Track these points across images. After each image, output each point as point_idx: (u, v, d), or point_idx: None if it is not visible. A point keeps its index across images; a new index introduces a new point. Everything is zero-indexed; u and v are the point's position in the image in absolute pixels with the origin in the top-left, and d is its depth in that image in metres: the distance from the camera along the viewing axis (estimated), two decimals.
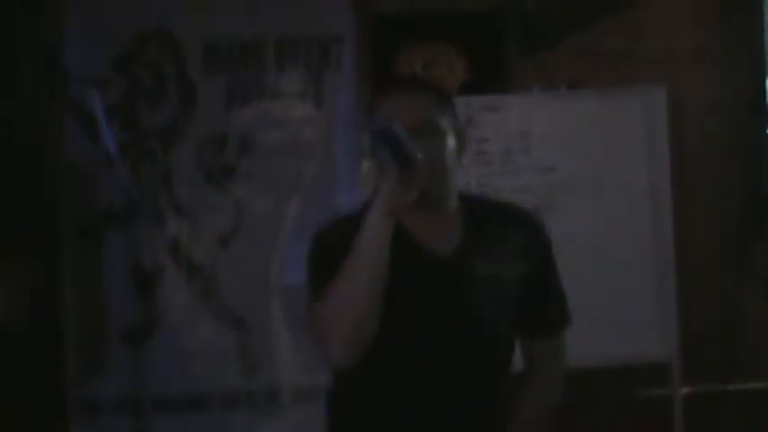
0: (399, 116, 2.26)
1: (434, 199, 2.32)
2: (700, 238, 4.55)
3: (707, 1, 4.60)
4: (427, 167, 2.19)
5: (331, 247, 2.31)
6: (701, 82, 4.59)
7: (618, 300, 4.18)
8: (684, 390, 4.32)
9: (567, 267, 4.11)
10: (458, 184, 2.40)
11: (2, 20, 4.38)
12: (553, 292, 2.52)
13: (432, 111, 2.33)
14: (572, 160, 4.23)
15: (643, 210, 4.27)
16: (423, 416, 2.36)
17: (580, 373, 2.59)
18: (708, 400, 4.53)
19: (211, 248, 4.43)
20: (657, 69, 4.51)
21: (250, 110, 4.42)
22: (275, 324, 4.39)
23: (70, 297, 4.41)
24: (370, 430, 2.41)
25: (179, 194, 4.45)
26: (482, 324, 2.37)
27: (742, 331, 4.55)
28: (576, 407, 3.08)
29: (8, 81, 4.38)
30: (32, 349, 4.35)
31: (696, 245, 4.52)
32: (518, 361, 2.52)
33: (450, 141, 2.34)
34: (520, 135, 4.23)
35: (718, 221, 4.60)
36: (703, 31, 4.60)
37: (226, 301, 4.40)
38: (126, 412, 4.39)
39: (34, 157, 4.43)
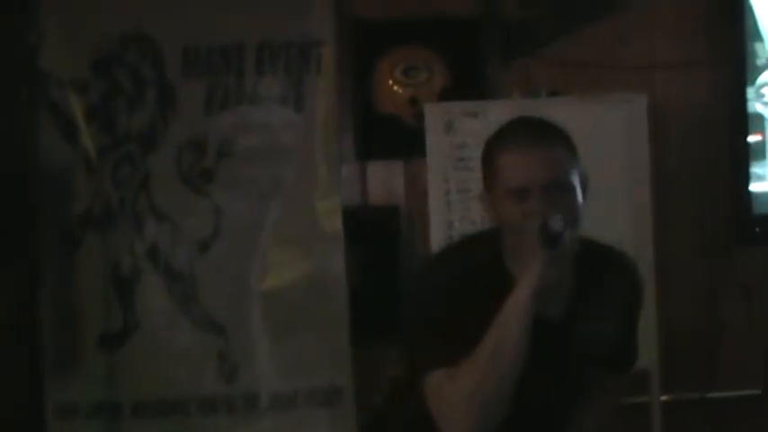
0: (532, 174, 2.13)
1: (563, 267, 2.21)
2: (680, 246, 4.56)
3: (689, 9, 4.60)
4: (568, 237, 2.10)
5: (450, 307, 2.19)
6: (682, 90, 4.60)
7: None
8: (664, 397, 4.32)
9: None
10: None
11: None
12: (636, 332, 2.52)
13: (565, 165, 2.20)
14: None
15: (623, 216, 4.27)
16: None
17: None
18: (687, 408, 4.53)
19: (191, 253, 4.41)
20: (639, 77, 4.52)
21: (230, 114, 4.41)
22: (254, 329, 4.37)
23: (48, 301, 4.39)
24: None
25: (158, 199, 4.43)
26: (578, 375, 2.34)
27: (722, 339, 4.56)
28: None
29: None
30: (9, 353, 4.30)
31: (677, 253, 4.53)
32: None
33: (580, 194, 2.22)
34: None
35: (699, 229, 4.61)
36: (685, 39, 4.61)
37: (205, 305, 4.38)
38: (103, 417, 4.37)
39: (11, 159, 4.41)
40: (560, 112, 4.22)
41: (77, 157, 4.41)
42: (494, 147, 2.24)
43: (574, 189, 2.19)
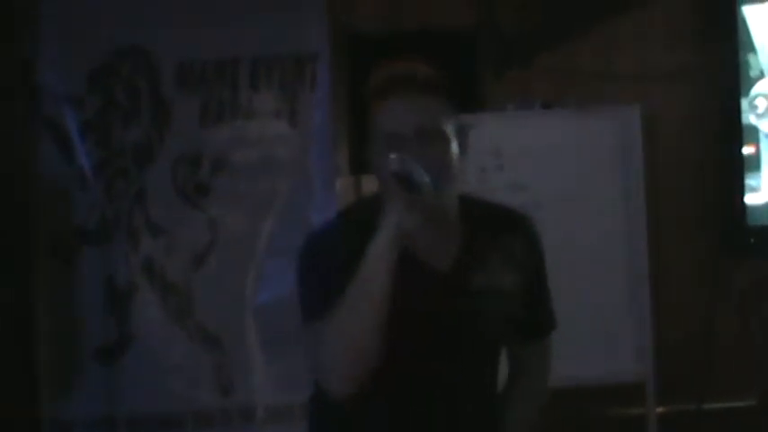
0: (402, 121, 2.16)
1: (440, 215, 2.22)
2: (674, 256, 4.56)
3: (681, 19, 4.61)
4: (435, 186, 2.10)
5: (323, 262, 2.22)
6: (675, 100, 4.61)
7: (592, 319, 4.16)
8: (659, 409, 4.32)
9: None
10: (456, 195, 2.29)
11: None
12: (544, 295, 2.48)
13: (437, 115, 2.21)
14: (546, 179, 4.22)
15: (617, 228, 4.27)
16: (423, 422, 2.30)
17: (554, 392, 2.57)
18: (683, 419, 4.53)
19: (186, 267, 4.41)
20: (632, 88, 4.52)
21: (225, 128, 4.41)
22: (250, 342, 4.36)
23: (43, 314, 4.39)
24: None
25: (153, 213, 4.43)
26: (481, 335, 2.32)
27: (717, 350, 4.55)
28: (550, 426, 3.06)
29: None
30: (5, 366, 4.29)
31: (671, 263, 4.53)
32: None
33: (455, 146, 2.21)
34: (494, 153, 4.22)
35: (692, 239, 4.61)
36: (679, 50, 4.61)
37: (200, 319, 4.38)
38: (99, 431, 4.36)
39: (7, 173, 4.41)
40: (555, 123, 4.31)
41: (73, 172, 4.41)
42: (375, 95, 2.25)
43: (447, 139, 2.19)
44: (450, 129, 2.21)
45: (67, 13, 4.37)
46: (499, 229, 2.35)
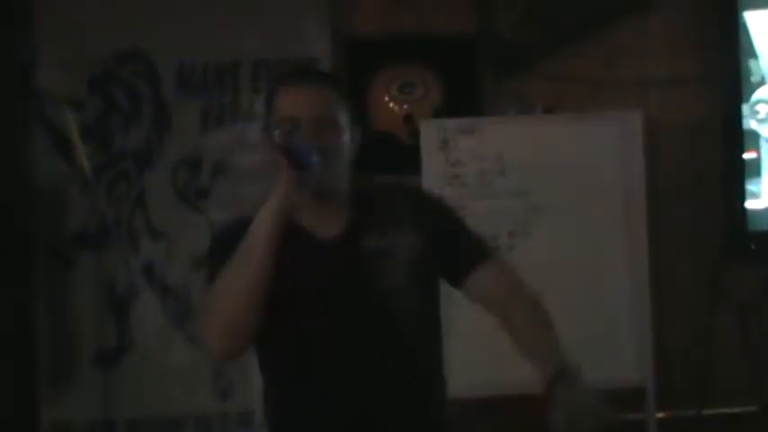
0: (298, 108, 2.33)
1: (327, 194, 2.36)
2: (675, 263, 4.54)
3: (682, 26, 4.60)
4: (322, 167, 2.25)
5: (227, 245, 2.32)
6: (676, 107, 4.59)
7: (592, 324, 4.14)
8: (659, 414, 4.31)
9: (542, 291, 4.14)
10: (350, 178, 2.43)
11: None
12: (465, 235, 2.50)
13: (331, 105, 2.38)
14: (547, 184, 4.21)
15: (618, 234, 4.25)
16: (346, 400, 2.35)
17: None
18: (683, 425, 4.51)
19: (186, 271, 4.40)
20: (633, 94, 4.51)
21: (224, 133, 4.42)
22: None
23: (43, 318, 4.40)
24: (299, 419, 2.40)
25: (153, 217, 4.45)
26: (382, 298, 2.36)
27: (717, 356, 4.54)
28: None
29: None
30: (4, 368, 4.30)
31: (671, 269, 4.51)
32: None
33: (346, 137, 2.38)
34: (495, 158, 4.21)
35: (693, 246, 4.60)
36: (680, 55, 4.60)
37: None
38: None
39: (7, 176, 4.40)
40: (556, 128, 4.30)
41: (72, 175, 4.42)
42: (276, 87, 2.44)
43: (339, 129, 2.36)
44: (343, 119, 2.38)
45: (68, 15, 4.38)
46: (388, 200, 2.47)
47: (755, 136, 4.51)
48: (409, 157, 4.24)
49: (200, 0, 4.40)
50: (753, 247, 4.51)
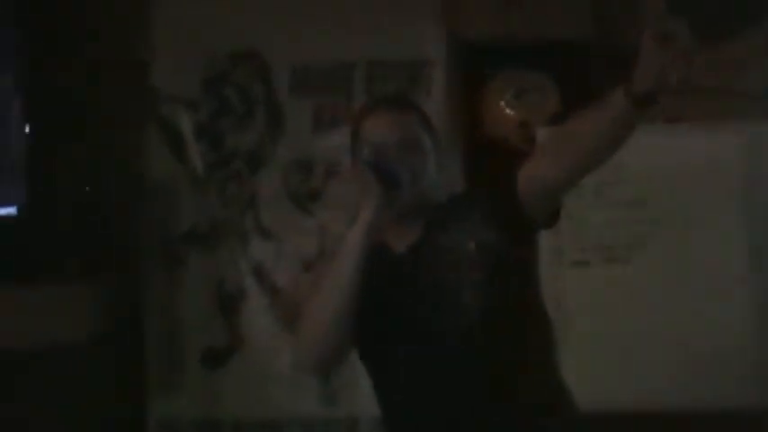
0: (385, 132, 2.45)
1: (411, 213, 2.45)
2: None
3: None
4: (410, 185, 2.37)
5: None
6: None
7: (712, 342, 4.05)
8: None
9: (660, 304, 4.06)
10: (434, 199, 2.51)
11: (93, 36, 4.40)
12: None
13: (416, 128, 2.49)
14: (668, 195, 4.12)
15: (741, 249, 4.13)
16: (451, 400, 2.38)
17: (671, 418, 2.46)
18: None
19: (296, 273, 4.38)
20: (762, 106, 4.36)
21: (337, 134, 4.39)
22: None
23: (152, 317, 4.44)
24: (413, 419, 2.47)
25: (264, 217, 4.45)
26: (459, 303, 2.38)
27: None
28: None
29: (96, 99, 4.40)
30: (112, 365, 4.33)
31: None
32: None
33: (432, 158, 2.48)
34: (613, 167, 4.06)
35: None
36: None
37: None
38: None
39: (122, 175, 4.45)
40: (678, 138, 4.19)
41: (185, 174, 4.45)
42: (360, 116, 2.58)
43: (423, 151, 2.47)
44: (426, 142, 2.49)
45: (183, 16, 4.41)
46: (458, 206, 2.51)
47: None
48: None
49: (314, 1, 4.36)
50: None
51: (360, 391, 4.28)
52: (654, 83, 2.11)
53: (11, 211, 4.12)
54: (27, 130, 4.17)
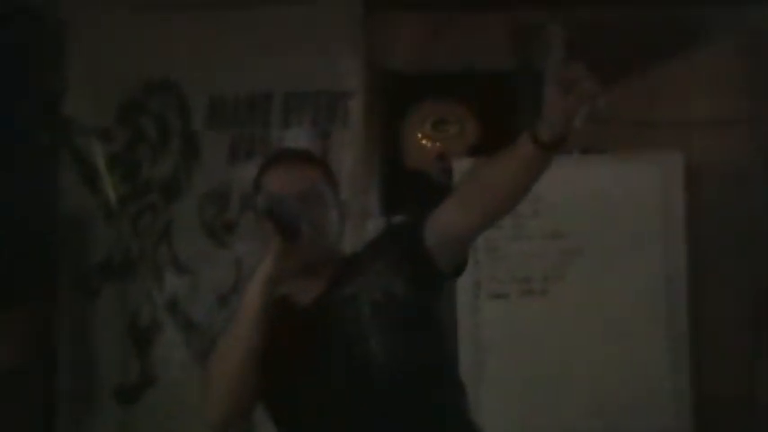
0: (287, 183, 2.40)
1: (313, 267, 2.40)
2: (715, 310, 4.44)
3: (724, 66, 4.53)
4: (311, 239, 2.31)
5: None
6: (718, 148, 4.51)
7: (629, 372, 4.08)
8: None
9: (578, 336, 4.09)
10: (339, 252, 2.48)
11: (3, 67, 4.34)
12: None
13: (317, 181, 2.45)
14: (584, 226, 4.16)
15: (657, 279, 4.19)
16: None
17: None
18: None
19: (210, 306, 4.34)
20: (673, 135, 4.43)
21: (254, 165, 4.36)
22: None
23: (65, 349, 4.37)
24: None
25: (179, 249, 4.41)
26: (371, 350, 2.34)
27: (758, 409, 4.44)
28: None
29: (8, 130, 4.33)
30: (21, 397, 4.25)
31: (712, 316, 4.41)
32: None
33: (333, 212, 2.45)
34: (531, 199, 4.10)
35: (735, 292, 4.49)
36: (723, 96, 4.53)
37: None
38: None
39: (35, 206, 4.37)
40: (594, 169, 4.23)
41: (98, 205, 4.39)
42: (262, 169, 2.51)
43: (325, 204, 2.43)
44: (329, 196, 2.45)
45: (97, 45, 4.36)
46: (359, 261, 2.48)
47: None
48: (442, 197, 4.16)
49: (230, 31, 4.34)
50: None
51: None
52: (559, 128, 2.11)
53: None
54: None
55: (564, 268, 4.16)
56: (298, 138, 4.33)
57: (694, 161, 4.34)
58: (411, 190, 4.41)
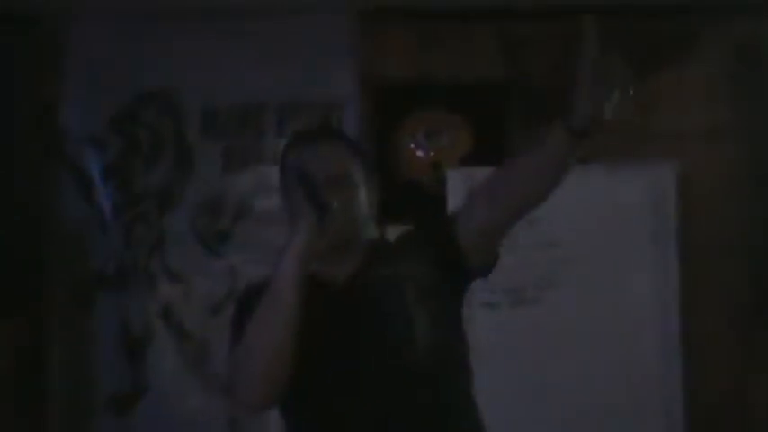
0: (315, 165, 2.35)
1: (344, 247, 2.37)
2: (707, 320, 4.45)
3: (719, 77, 4.55)
4: (341, 217, 2.28)
5: (253, 304, 2.31)
6: (712, 159, 4.52)
7: (621, 381, 4.09)
8: None
9: (570, 346, 4.10)
10: (370, 234, 2.46)
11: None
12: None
13: (346, 162, 2.42)
14: (577, 236, 4.18)
15: (649, 288, 4.21)
16: None
17: None
18: None
19: (204, 315, 4.35)
20: (668, 145, 4.45)
21: (248, 175, 4.38)
22: None
23: (58, 360, 4.35)
24: None
25: (172, 259, 4.41)
26: (406, 335, 2.33)
27: (750, 419, 4.45)
28: None
29: (3, 138, 4.33)
30: (18, 409, 4.27)
31: (704, 324, 4.42)
32: None
33: (363, 193, 2.42)
34: None
35: (727, 304, 4.50)
36: (715, 107, 4.55)
37: (216, 369, 4.29)
38: None
39: (28, 215, 4.37)
40: (588, 178, 4.24)
41: (92, 215, 4.39)
42: (287, 148, 2.50)
43: (356, 184, 2.41)
44: (357, 175, 2.42)
45: (93, 55, 4.36)
46: (397, 243, 2.50)
47: None
48: (435, 207, 4.18)
49: (225, 41, 4.35)
50: None
51: None
52: (591, 114, 2.16)
53: None
54: None
55: (556, 277, 4.18)
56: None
57: (686, 172, 4.36)
58: (405, 199, 4.42)
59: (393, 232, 4.08)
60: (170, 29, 4.35)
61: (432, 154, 4.47)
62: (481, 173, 4.09)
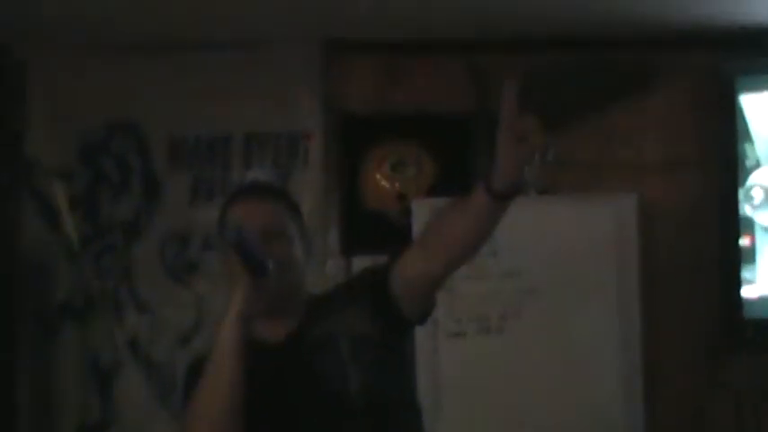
0: (251, 221, 2.36)
1: (281, 306, 2.39)
2: (669, 349, 4.48)
3: (679, 109, 4.59)
4: (278, 274, 2.29)
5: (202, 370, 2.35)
6: (672, 190, 4.56)
7: (583, 410, 4.10)
8: None
9: (532, 375, 4.12)
10: (305, 290, 2.48)
11: None
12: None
13: (280, 218, 2.45)
14: (540, 266, 4.19)
15: (611, 318, 4.22)
16: None
17: None
18: None
19: (171, 346, 4.35)
20: (628, 177, 4.48)
21: (215, 206, 4.37)
22: None
23: (25, 390, 4.33)
24: None
25: (140, 290, 4.40)
26: (342, 393, 2.36)
27: None
28: None
29: None
30: None
31: (665, 356, 4.45)
32: None
33: (299, 249, 2.44)
34: (489, 239, 4.17)
35: (688, 332, 4.53)
36: (675, 139, 4.58)
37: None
38: None
39: None
40: (550, 210, 4.27)
41: (59, 246, 4.38)
42: (227, 204, 2.53)
43: (290, 239, 2.43)
44: (293, 232, 2.45)
45: (58, 85, 4.36)
46: (332, 300, 2.49)
47: (750, 221, 4.46)
48: (401, 237, 4.19)
49: (190, 73, 4.36)
50: (748, 335, 4.45)
51: None
52: (511, 180, 2.17)
53: None
54: None
55: (520, 307, 4.19)
56: (258, 179, 4.35)
57: (647, 202, 4.39)
58: (370, 230, 4.44)
59: (358, 263, 4.15)
60: (138, 60, 4.35)
61: (397, 185, 4.50)
62: (446, 203, 4.17)
